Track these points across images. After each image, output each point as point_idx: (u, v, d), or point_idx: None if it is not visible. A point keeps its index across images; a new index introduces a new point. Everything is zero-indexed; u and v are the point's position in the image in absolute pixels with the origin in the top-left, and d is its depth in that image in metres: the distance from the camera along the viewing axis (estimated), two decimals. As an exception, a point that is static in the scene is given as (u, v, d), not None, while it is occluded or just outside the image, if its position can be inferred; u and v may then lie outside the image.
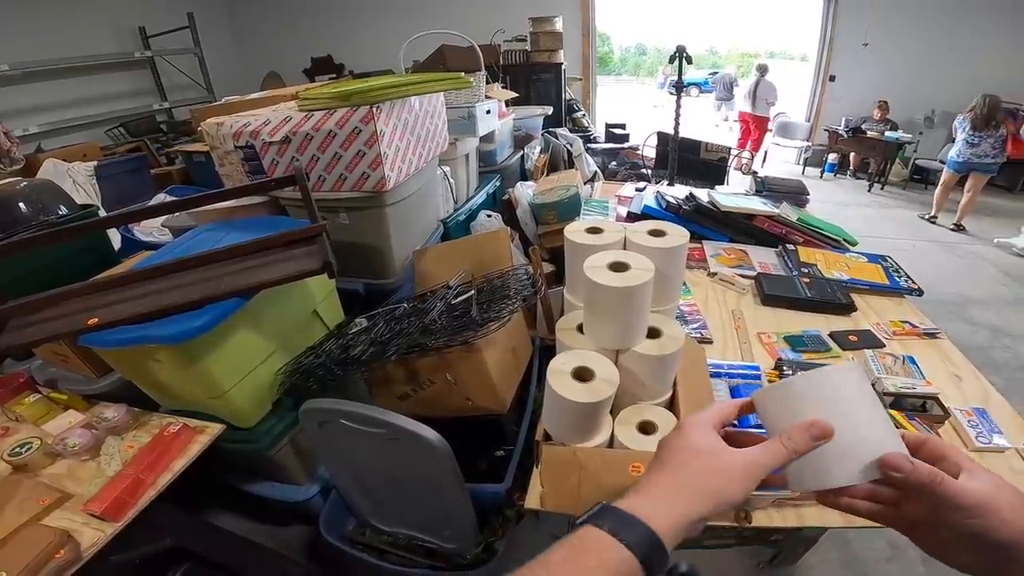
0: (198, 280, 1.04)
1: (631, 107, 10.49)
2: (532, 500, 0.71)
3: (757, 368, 1.01)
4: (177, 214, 1.64)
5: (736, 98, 9.65)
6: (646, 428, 0.67)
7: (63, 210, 1.50)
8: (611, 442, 0.67)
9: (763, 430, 0.46)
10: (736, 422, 0.48)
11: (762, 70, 5.83)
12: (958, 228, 4.31)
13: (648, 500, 0.40)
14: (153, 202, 2.27)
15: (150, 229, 2.04)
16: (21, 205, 1.41)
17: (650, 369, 0.65)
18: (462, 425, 1.29)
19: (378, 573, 1.31)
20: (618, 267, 0.61)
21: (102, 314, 1.00)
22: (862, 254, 1.55)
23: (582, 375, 0.62)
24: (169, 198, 2.31)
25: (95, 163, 2.56)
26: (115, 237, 1.91)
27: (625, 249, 0.69)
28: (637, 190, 2.05)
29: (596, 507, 0.40)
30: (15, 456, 1.01)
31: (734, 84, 10.03)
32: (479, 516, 1.23)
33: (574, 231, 0.70)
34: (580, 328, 0.71)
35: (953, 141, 4.37)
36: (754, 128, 6.06)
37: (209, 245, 1.22)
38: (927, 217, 4.58)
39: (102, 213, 1.93)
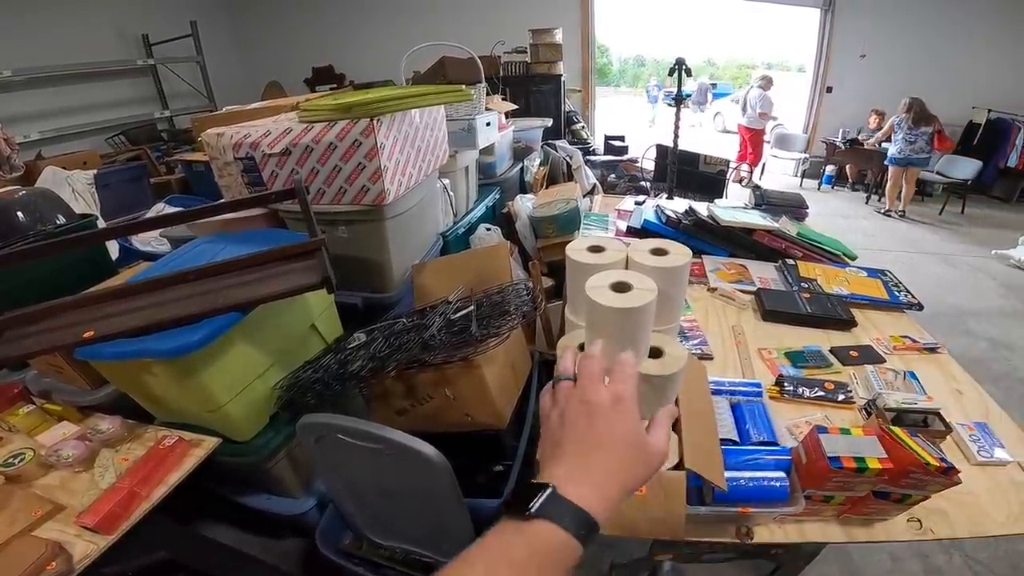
0: (195, 293, 1.03)
1: (630, 118, 10.57)
2: (532, 519, 0.70)
3: (759, 385, 1.01)
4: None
5: (709, 104, 11.33)
6: (648, 449, 0.66)
7: (61, 219, 1.50)
8: (612, 462, 0.66)
9: None
10: None
11: (761, 82, 5.84)
12: (903, 215, 4.95)
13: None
14: (152, 212, 2.28)
15: (148, 239, 2.04)
16: (19, 214, 1.41)
17: (652, 388, 0.64)
18: (460, 440, 1.28)
19: (374, 590, 1.29)
20: (620, 287, 0.60)
21: (98, 327, 0.99)
22: (862, 268, 1.55)
23: (583, 396, 0.61)
24: (168, 207, 2.31)
25: (94, 171, 2.56)
26: (113, 246, 1.91)
27: (627, 268, 0.68)
28: (636, 203, 2.06)
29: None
30: (8, 467, 1.00)
31: (708, 92, 11.52)
32: (477, 531, 1.21)
33: (576, 250, 0.69)
34: (581, 347, 0.70)
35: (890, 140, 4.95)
36: (748, 140, 6.06)
37: (207, 258, 1.22)
38: (882, 211, 5.08)
39: (101, 222, 1.93)
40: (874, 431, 0.77)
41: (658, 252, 0.68)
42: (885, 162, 4.98)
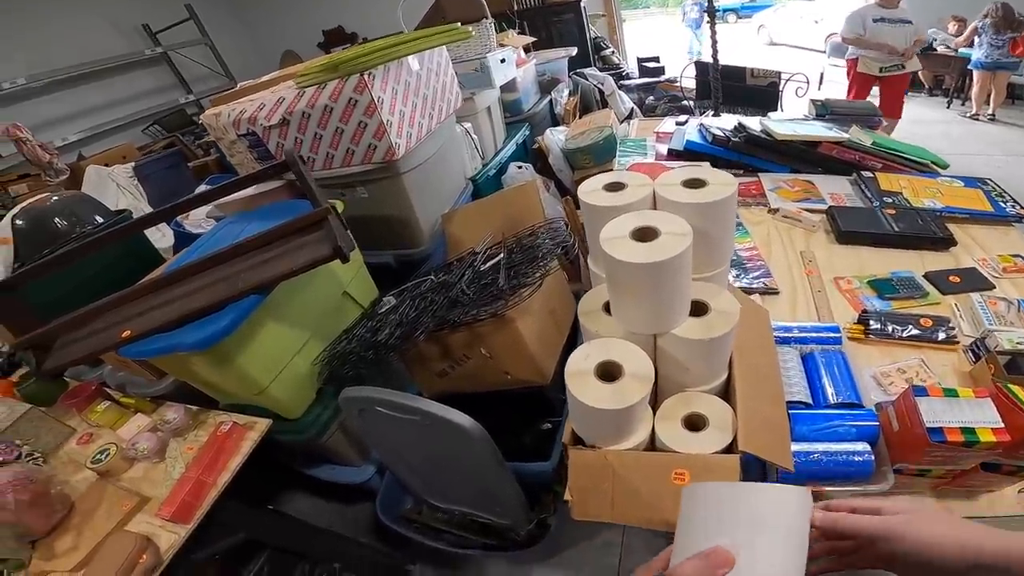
0: (219, 279, 1.01)
1: (664, 40, 9.54)
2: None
3: (836, 329, 0.84)
4: (216, 204, 1.61)
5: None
6: (694, 423, 0.56)
7: (99, 219, 1.52)
8: (652, 439, 0.57)
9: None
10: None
11: None
12: (993, 118, 4.52)
13: None
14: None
15: (198, 221, 2.05)
16: (56, 220, 1.42)
17: (696, 354, 0.53)
18: (505, 398, 1.23)
19: (435, 551, 1.32)
20: (644, 235, 0.48)
21: (135, 325, 0.99)
22: (956, 178, 1.30)
23: (609, 372, 0.51)
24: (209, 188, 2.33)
25: (132, 164, 2.62)
26: (168, 234, 1.96)
27: (655, 208, 0.55)
28: (678, 124, 1.84)
29: None
30: (96, 463, 1.05)
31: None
32: (528, 493, 1.19)
33: (588, 191, 0.56)
34: (608, 307, 0.59)
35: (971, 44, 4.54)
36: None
37: (231, 239, 1.19)
38: (969, 115, 4.66)
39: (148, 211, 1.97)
40: (988, 391, 0.61)
41: (693, 184, 0.53)
42: (969, 67, 4.54)
